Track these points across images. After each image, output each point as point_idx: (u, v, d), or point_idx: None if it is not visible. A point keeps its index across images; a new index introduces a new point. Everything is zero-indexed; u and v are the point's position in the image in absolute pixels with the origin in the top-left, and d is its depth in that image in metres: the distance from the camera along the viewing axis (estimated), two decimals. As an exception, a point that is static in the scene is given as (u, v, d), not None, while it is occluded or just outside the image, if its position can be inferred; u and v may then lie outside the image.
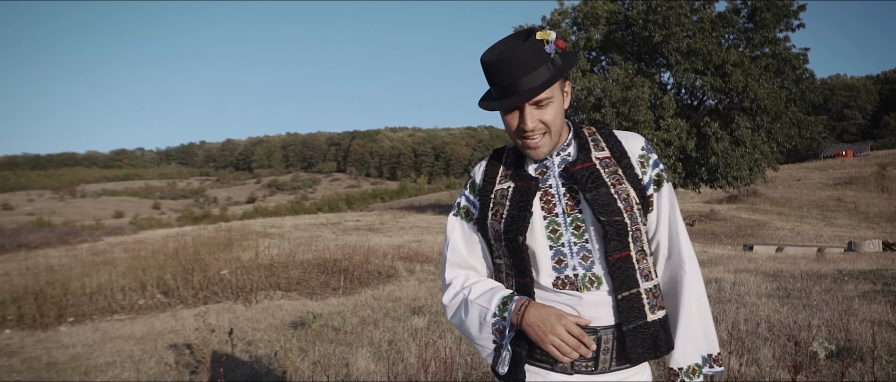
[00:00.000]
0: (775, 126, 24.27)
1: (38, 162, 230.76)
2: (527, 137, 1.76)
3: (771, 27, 24.09)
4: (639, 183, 1.80)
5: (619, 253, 1.72)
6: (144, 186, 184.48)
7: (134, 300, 11.67)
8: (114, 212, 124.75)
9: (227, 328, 6.94)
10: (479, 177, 1.95)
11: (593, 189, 1.75)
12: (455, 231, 1.96)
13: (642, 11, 24.67)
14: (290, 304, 9.87)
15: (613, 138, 1.87)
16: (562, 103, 1.81)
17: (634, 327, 1.73)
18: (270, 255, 14.89)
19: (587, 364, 1.75)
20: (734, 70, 23.06)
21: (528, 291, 1.80)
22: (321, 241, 18.29)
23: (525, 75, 1.69)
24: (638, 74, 25.22)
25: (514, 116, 1.76)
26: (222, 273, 13.41)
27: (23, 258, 22.03)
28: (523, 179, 1.85)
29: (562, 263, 1.77)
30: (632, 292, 1.73)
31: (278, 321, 8.14)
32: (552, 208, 1.80)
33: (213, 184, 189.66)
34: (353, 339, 6.55)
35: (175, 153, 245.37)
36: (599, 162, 1.81)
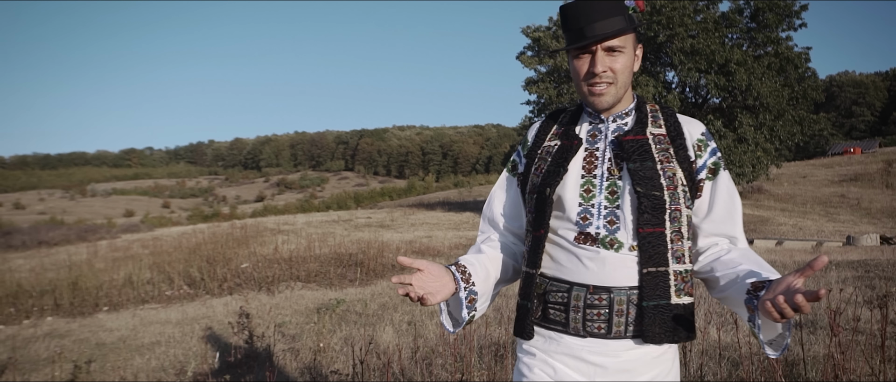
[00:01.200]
0: (778, 124, 24.79)
1: (49, 161, 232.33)
2: (594, 82, 1.78)
3: (773, 27, 24.62)
4: (690, 165, 1.79)
5: (652, 227, 1.72)
6: (154, 185, 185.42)
7: (162, 290, 12.34)
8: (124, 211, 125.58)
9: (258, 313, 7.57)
10: (531, 135, 2.00)
11: (639, 161, 1.76)
12: (499, 186, 2.05)
13: (646, 12, 25.23)
14: (311, 293, 10.49)
15: (673, 118, 1.87)
16: (632, 60, 1.83)
17: (656, 305, 1.72)
18: (288, 249, 15.54)
19: (600, 326, 1.74)
20: (737, 69, 23.60)
21: (539, 244, 1.83)
22: (334, 237, 18.85)
23: (601, 20, 1.73)
24: (642, 73, 25.77)
25: (585, 61, 1.78)
26: (243, 267, 14.07)
27: (44, 254, 22.80)
28: (570, 138, 1.88)
29: (586, 220, 1.78)
30: (659, 269, 1.72)
31: (303, 307, 8.76)
32: (592, 169, 1.82)
33: (222, 183, 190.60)
34: (376, 320, 7.16)
35: (184, 152, 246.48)
36: (653, 137, 1.81)
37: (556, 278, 1.80)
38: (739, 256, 1.76)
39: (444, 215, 29.58)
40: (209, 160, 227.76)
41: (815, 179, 45.57)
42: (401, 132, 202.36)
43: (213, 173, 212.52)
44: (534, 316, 1.84)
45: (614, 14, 1.74)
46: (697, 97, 27.29)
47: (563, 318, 1.78)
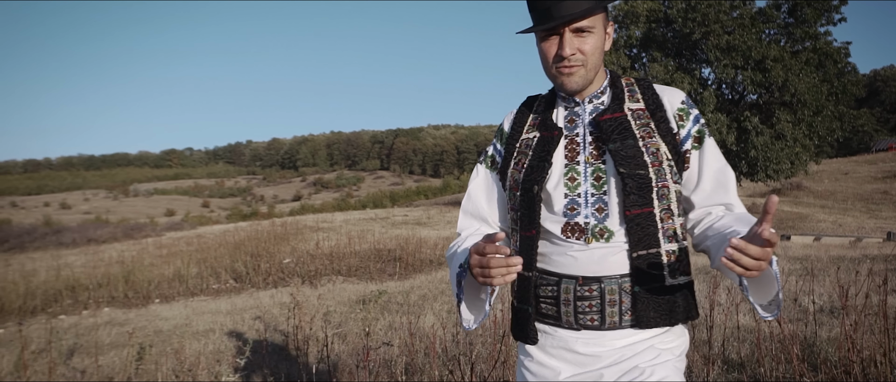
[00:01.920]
0: (816, 120, 24.57)
1: (93, 162, 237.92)
2: (562, 66, 1.68)
3: (812, 22, 24.41)
4: (673, 138, 1.71)
5: (639, 209, 1.63)
6: (194, 185, 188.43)
7: (209, 284, 12.85)
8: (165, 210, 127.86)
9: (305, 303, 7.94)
10: (507, 125, 1.90)
11: (619, 140, 1.68)
12: (477, 179, 1.93)
13: (682, 9, 25.22)
14: (353, 286, 10.87)
15: (651, 90, 1.78)
16: (603, 40, 1.72)
17: (649, 289, 1.64)
18: (329, 246, 15.97)
19: (592, 318, 1.66)
20: (774, 65, 23.46)
21: (530, 245, 1.74)
22: (372, 234, 19.21)
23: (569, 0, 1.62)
24: (678, 70, 25.75)
25: (553, 43, 1.68)
26: (285, 262, 14.53)
27: (93, 251, 23.60)
28: (548, 128, 1.79)
29: (574, 210, 1.69)
30: (650, 251, 1.64)
31: (345, 299, 9.13)
32: (574, 157, 1.73)
33: (260, 182, 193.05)
34: (417, 309, 7.49)
35: (222, 153, 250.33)
36: (632, 113, 1.73)
37: (545, 270, 1.73)
38: (732, 219, 1.66)
39: (479, 212, 29.84)
40: (247, 160, 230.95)
41: (858, 175, 44.87)
42: (436, 131, 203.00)
43: (252, 172, 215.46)
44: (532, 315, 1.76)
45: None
46: (734, 94, 27.14)
47: (554, 312, 1.72)
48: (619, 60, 26.40)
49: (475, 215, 1.91)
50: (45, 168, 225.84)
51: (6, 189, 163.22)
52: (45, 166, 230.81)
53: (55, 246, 27.85)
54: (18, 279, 13.29)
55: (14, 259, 20.60)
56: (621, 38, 27.52)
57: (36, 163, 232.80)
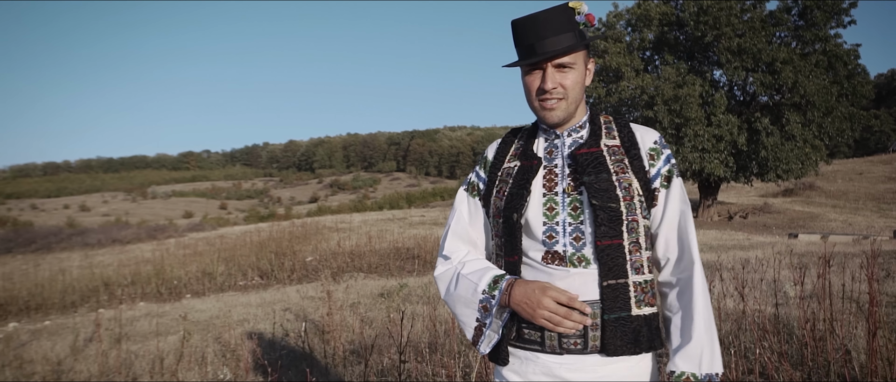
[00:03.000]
0: (826, 121, 24.91)
1: (111, 165, 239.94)
2: (545, 98, 1.80)
3: (821, 25, 24.73)
4: (644, 174, 1.82)
5: (609, 240, 1.74)
6: (211, 187, 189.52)
7: (236, 280, 13.49)
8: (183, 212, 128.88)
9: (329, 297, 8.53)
10: (491, 154, 2.01)
11: (594, 173, 1.77)
12: (462, 205, 2.01)
13: (694, 13, 25.61)
14: (374, 282, 11.44)
15: (627, 129, 1.89)
16: (583, 76, 1.84)
17: (617, 318, 1.73)
18: (349, 245, 16.56)
19: (576, 342, 1.74)
20: (784, 67, 23.82)
21: (515, 270, 1.83)
22: (390, 234, 19.74)
23: (551, 36, 1.75)
24: (690, 72, 26.13)
25: (536, 77, 1.80)
26: (308, 260, 15.14)
27: (119, 250, 24.36)
28: (528, 158, 1.89)
29: (552, 239, 1.79)
30: (619, 281, 1.74)
31: (369, 292, 9.70)
32: (553, 187, 1.83)
33: (277, 184, 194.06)
34: (438, 301, 8.04)
35: (239, 155, 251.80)
36: (607, 149, 1.83)
37: None
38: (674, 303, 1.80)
39: (494, 213, 30.34)
40: (264, 162, 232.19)
41: (872, 175, 44.97)
42: (452, 133, 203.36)
43: (268, 174, 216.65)
44: (509, 338, 1.83)
45: (565, 30, 1.76)
46: (745, 96, 27.52)
47: (538, 337, 1.78)
48: (633, 63, 26.84)
49: (465, 239, 1.98)
50: (64, 171, 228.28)
51: (26, 192, 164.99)
52: (64, 168, 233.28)
53: (81, 247, 28.67)
54: (56, 277, 14.01)
55: (42, 259, 21.38)
56: (635, 40, 27.97)
57: (55, 166, 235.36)
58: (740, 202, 32.44)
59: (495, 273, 1.82)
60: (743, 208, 29.01)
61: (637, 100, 26.31)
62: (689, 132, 24.67)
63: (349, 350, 5.44)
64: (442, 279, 1.95)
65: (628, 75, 26.17)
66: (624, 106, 27.49)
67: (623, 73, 26.39)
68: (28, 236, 32.37)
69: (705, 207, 27.82)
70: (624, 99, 26.81)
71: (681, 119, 24.46)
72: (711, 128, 24.74)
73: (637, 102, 26.39)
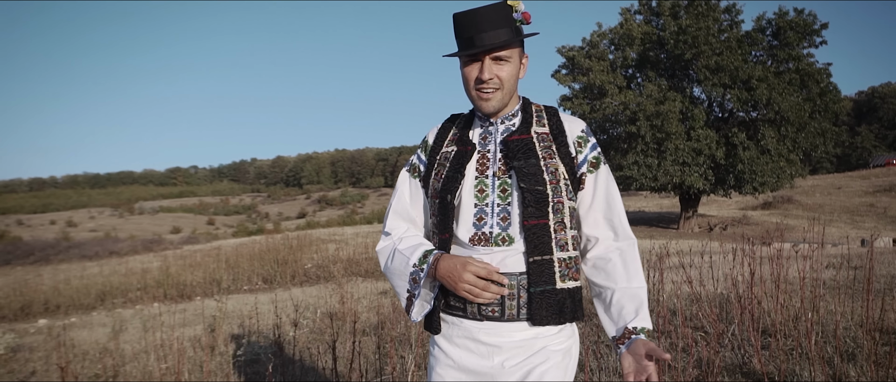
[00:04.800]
0: (800, 136, 26.10)
1: (98, 181, 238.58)
2: (481, 88, 1.90)
3: (794, 44, 25.97)
4: (571, 160, 1.94)
5: (535, 220, 1.86)
6: (198, 202, 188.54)
7: (241, 285, 14.27)
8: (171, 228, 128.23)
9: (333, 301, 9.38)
10: (431, 138, 2.12)
11: (523, 158, 1.90)
12: (404, 184, 2.13)
13: (674, 32, 26.81)
14: (373, 284, 12.26)
15: (556, 118, 2.01)
16: (518, 68, 1.95)
17: (542, 290, 1.85)
18: (346, 253, 17.38)
19: (494, 309, 1.87)
20: (759, 85, 25.01)
21: (446, 247, 1.95)
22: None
23: (490, 30, 1.84)
24: (670, 89, 27.30)
25: (474, 68, 1.90)
26: (307, 267, 15.95)
27: (118, 262, 24.92)
28: (464, 143, 2.01)
29: (482, 220, 1.92)
30: (544, 257, 1.86)
31: (369, 292, 10.54)
32: (485, 170, 1.96)
33: (265, 200, 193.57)
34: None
35: (227, 170, 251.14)
36: (537, 136, 1.95)
37: None
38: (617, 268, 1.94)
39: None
40: (252, 178, 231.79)
41: (849, 189, 46.22)
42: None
43: (256, 190, 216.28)
44: (439, 308, 1.98)
45: (502, 25, 1.85)
46: (723, 111, 28.69)
47: (461, 304, 1.92)
48: (616, 80, 27.97)
49: (405, 217, 2.11)
50: (51, 186, 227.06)
51: (12, 207, 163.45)
52: (51, 184, 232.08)
53: (79, 258, 29.27)
54: (69, 282, 14.76)
55: (43, 270, 22.00)
56: (618, 59, 29.13)
57: (41, 181, 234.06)
58: (720, 215, 33.55)
59: (426, 248, 1.94)
60: (722, 220, 30.09)
61: (620, 116, 27.40)
62: (669, 146, 25.77)
63: (361, 329, 6.29)
64: (382, 254, 2.07)
65: (612, 92, 27.31)
66: (607, 121, 28.57)
67: (607, 90, 27.47)
68: (26, 248, 33.04)
69: (686, 218, 28.85)
70: (607, 115, 27.88)
71: (662, 134, 25.60)
72: (691, 142, 25.90)
73: (620, 118, 27.49)
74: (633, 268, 1.93)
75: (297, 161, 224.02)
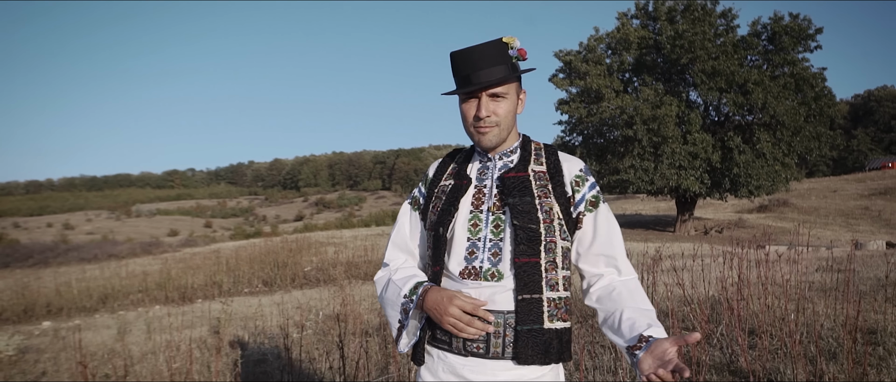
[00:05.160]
0: (795, 140, 26.34)
1: (95, 183, 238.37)
2: (479, 125, 1.92)
3: (789, 49, 26.23)
4: (567, 200, 1.95)
5: (527, 258, 1.86)
6: (196, 205, 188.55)
7: (241, 287, 14.43)
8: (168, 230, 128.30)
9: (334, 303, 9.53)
10: (431, 172, 2.15)
11: (518, 196, 1.91)
12: (404, 216, 2.15)
13: (671, 37, 27.05)
14: (372, 288, 12.42)
15: (554, 157, 2.02)
16: (516, 105, 1.97)
17: (529, 329, 1.84)
18: (345, 256, 17.53)
19: (478, 346, 1.86)
20: (755, 89, 25.25)
21: (437, 279, 1.96)
22: (382, 248, 20.65)
23: (486, 68, 1.86)
24: (667, 93, 27.53)
25: (472, 105, 1.92)
26: (307, 270, 16.11)
27: (116, 265, 25.00)
28: (461, 177, 2.03)
29: (473, 254, 1.91)
30: (533, 296, 1.85)
31: (370, 295, 10.69)
32: (480, 205, 1.97)
33: (262, 203, 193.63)
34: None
35: (224, 173, 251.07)
36: (534, 174, 1.97)
37: None
38: (623, 295, 1.92)
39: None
40: (249, 181, 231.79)
41: (845, 193, 46.46)
42: (437, 151, 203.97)
43: (253, 193, 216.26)
44: (424, 340, 1.99)
45: (498, 63, 1.88)
46: (719, 115, 28.94)
47: (447, 338, 1.91)
48: (613, 84, 28.20)
49: (403, 248, 2.13)
50: (47, 189, 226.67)
51: (8, 210, 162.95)
52: (47, 187, 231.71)
53: (78, 261, 29.36)
54: (69, 285, 14.90)
55: (42, 273, 22.09)
56: (615, 63, 29.38)
57: (38, 184, 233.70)
58: (716, 218, 33.77)
59: (418, 280, 1.96)
60: (718, 223, 30.30)
61: (617, 119, 27.61)
62: (666, 150, 26.00)
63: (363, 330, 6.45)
64: (378, 283, 2.10)
65: (609, 96, 27.53)
66: (604, 125, 28.78)
67: (603, 94, 27.69)
68: (24, 251, 33.12)
69: (682, 221, 29.08)
70: (604, 119, 28.08)
71: (658, 138, 25.83)
72: (687, 146, 26.14)
73: (617, 122, 27.70)
74: (639, 295, 1.92)
75: (294, 164, 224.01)
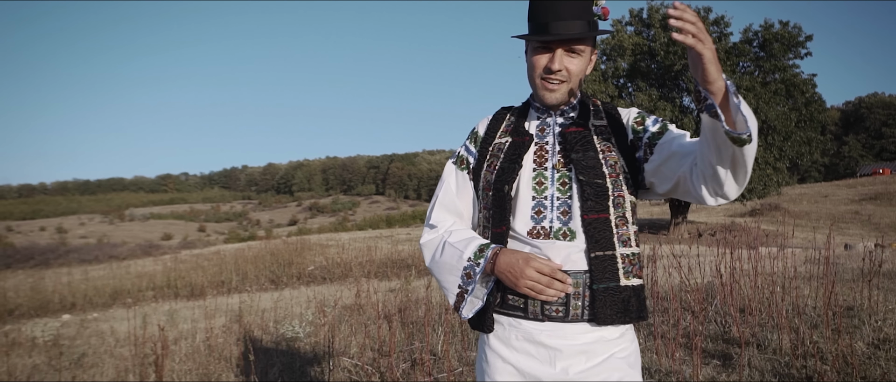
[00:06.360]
0: (786, 145, 26.92)
1: (88, 187, 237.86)
2: (548, 78, 1.83)
3: (780, 56, 26.82)
4: (631, 151, 1.87)
5: (596, 214, 1.78)
6: (189, 209, 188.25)
7: (249, 284, 14.83)
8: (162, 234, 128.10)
9: (348, 294, 9.95)
10: (481, 130, 2.03)
11: (582, 151, 1.82)
12: (450, 177, 2.04)
13: (664, 43, 27.62)
14: (378, 283, 12.84)
15: (614, 111, 1.94)
16: (587, 64, 1.87)
17: (605, 287, 1.77)
18: (347, 256, 17.94)
19: (558, 309, 1.78)
20: (746, 94, 25.80)
21: (501, 241, 1.86)
22: (381, 249, 20.97)
23: (567, 20, 1.76)
24: (660, 99, 28.07)
25: (544, 57, 1.82)
26: (310, 269, 16.51)
27: (118, 266, 25.32)
28: (520, 134, 1.94)
29: (540, 214, 1.84)
30: (606, 253, 1.78)
31: (379, 289, 11.11)
32: (543, 162, 1.88)
33: (256, 207, 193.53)
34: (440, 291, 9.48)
35: (218, 177, 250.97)
36: (595, 129, 1.88)
37: None
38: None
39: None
40: (242, 185, 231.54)
41: (836, 198, 47.09)
42: (431, 156, 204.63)
43: (247, 197, 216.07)
44: (493, 305, 1.88)
45: (580, 17, 1.78)
46: (712, 121, 29.48)
47: (521, 303, 1.83)
48: (607, 90, 28.71)
49: (451, 210, 2.01)
50: (40, 193, 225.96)
51: (1, 214, 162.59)
52: (40, 190, 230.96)
53: (79, 263, 29.65)
54: (79, 283, 15.28)
55: (44, 274, 22.41)
56: (609, 69, 29.91)
57: (31, 188, 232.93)
58: (710, 221, 34.29)
59: (481, 242, 1.87)
60: (711, 227, 30.82)
61: (611, 124, 28.07)
62: (659, 155, 26.48)
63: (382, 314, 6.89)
64: (428, 247, 1.99)
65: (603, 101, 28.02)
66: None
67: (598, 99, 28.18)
68: (26, 252, 33.41)
69: (675, 224, 29.57)
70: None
71: (652, 143, 26.32)
72: (681, 151, 26.65)
73: (611, 127, 28.16)
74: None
75: (288, 168, 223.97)
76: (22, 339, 7.60)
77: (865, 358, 3.79)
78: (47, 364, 6.25)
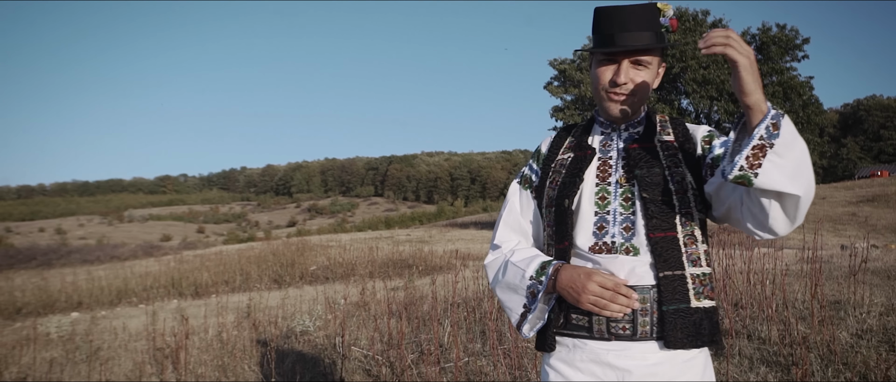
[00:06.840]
0: (783, 147, 27.19)
1: (87, 188, 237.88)
2: (614, 92, 1.78)
3: (777, 58, 27.11)
4: (699, 167, 1.79)
5: (662, 232, 1.73)
6: (188, 210, 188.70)
7: (253, 284, 15.04)
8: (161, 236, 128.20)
9: (353, 293, 10.17)
10: (545, 148, 2.00)
11: (646, 167, 1.78)
12: (515, 196, 2.02)
13: (664, 44, 27.88)
14: (380, 283, 13.06)
15: (682, 126, 1.88)
16: (654, 77, 1.82)
17: (675, 309, 1.69)
18: (349, 256, 18.15)
19: (624, 327, 1.71)
20: (744, 96, 26.08)
21: (564, 257, 1.81)
22: (382, 250, 21.18)
23: (633, 31, 1.72)
24: (659, 101, 28.35)
25: (609, 69, 1.77)
26: (312, 269, 16.73)
27: (120, 266, 25.48)
28: (582, 149, 1.90)
29: (603, 229, 1.78)
30: (675, 273, 1.71)
31: (381, 288, 11.34)
32: (606, 177, 1.84)
33: (255, 208, 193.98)
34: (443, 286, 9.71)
35: (217, 179, 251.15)
36: (661, 144, 1.83)
37: None
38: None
39: (477, 232, 32.13)
40: (241, 186, 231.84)
41: (834, 200, 47.15)
42: (429, 158, 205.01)
43: (246, 199, 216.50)
44: (555, 326, 1.83)
45: (647, 28, 1.74)
46: (710, 122, 29.75)
47: (586, 322, 1.76)
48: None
49: (516, 229, 1.98)
50: (39, 194, 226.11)
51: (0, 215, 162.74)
52: (39, 191, 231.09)
53: (81, 263, 29.88)
54: (83, 283, 15.49)
55: (47, 274, 22.61)
56: (607, 72, 30.17)
57: (29, 189, 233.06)
58: (709, 224, 34.49)
59: (543, 260, 1.83)
60: (709, 229, 31.04)
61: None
62: (658, 157, 26.75)
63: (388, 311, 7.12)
64: (491, 267, 1.97)
65: (601, 104, 28.33)
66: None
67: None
68: (27, 253, 33.69)
69: (674, 226, 29.81)
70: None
71: (650, 145, 26.60)
72: (678, 153, 26.94)
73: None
74: None
75: (286, 170, 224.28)
76: (35, 335, 7.81)
77: (848, 347, 4.02)
78: (65, 358, 6.47)
